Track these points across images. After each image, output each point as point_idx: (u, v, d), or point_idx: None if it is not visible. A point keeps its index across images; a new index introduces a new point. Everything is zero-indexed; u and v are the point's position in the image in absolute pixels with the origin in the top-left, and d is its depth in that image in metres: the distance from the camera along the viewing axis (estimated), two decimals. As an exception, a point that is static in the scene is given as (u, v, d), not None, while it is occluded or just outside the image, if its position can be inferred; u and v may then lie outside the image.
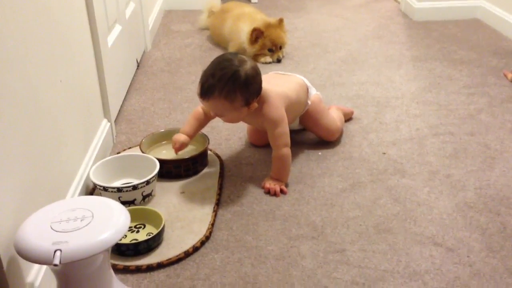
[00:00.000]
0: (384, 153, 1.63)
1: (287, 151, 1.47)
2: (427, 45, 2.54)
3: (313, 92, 1.67)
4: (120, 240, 1.00)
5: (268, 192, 1.45)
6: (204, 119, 1.54)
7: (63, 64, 1.30)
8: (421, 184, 1.48)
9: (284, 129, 1.47)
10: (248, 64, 1.38)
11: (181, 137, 1.52)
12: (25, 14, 1.08)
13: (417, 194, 1.43)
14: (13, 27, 1.02)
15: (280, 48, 2.37)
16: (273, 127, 1.46)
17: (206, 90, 1.36)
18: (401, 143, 1.69)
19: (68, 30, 1.36)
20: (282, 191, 1.45)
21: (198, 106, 1.55)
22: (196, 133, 1.55)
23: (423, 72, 2.24)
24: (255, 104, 1.42)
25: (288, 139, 1.47)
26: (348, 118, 1.83)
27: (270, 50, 2.35)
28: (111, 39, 1.80)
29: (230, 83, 1.35)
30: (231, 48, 2.45)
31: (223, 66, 1.37)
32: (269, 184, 1.46)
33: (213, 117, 1.54)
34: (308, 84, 1.66)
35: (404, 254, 1.22)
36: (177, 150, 1.52)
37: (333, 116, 1.71)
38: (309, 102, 1.64)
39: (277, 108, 1.46)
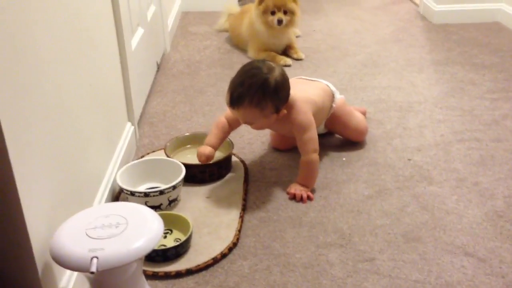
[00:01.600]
0: (410, 160, 1.62)
1: (315, 156, 1.46)
2: (448, 49, 2.52)
3: (338, 96, 1.66)
4: (153, 247, 0.99)
5: (293, 197, 1.44)
6: (228, 129, 1.54)
7: (91, 68, 1.30)
8: (449, 192, 1.46)
9: (313, 134, 1.46)
10: (277, 71, 1.38)
11: (206, 149, 1.49)
12: (57, 21, 1.08)
13: (445, 202, 1.42)
14: (46, 33, 1.02)
15: (285, 13, 2.34)
16: (301, 132, 1.45)
17: (236, 99, 1.36)
18: (426, 149, 1.67)
19: (96, 35, 1.36)
20: (308, 197, 1.44)
21: (221, 116, 1.54)
22: (220, 144, 1.53)
23: (445, 76, 2.22)
24: (284, 111, 1.41)
25: (316, 145, 1.47)
26: None
27: (273, 13, 2.34)
28: (134, 42, 1.80)
29: (260, 91, 1.34)
30: (250, 48, 2.45)
31: (252, 74, 1.36)
32: (295, 190, 1.45)
33: (236, 127, 1.54)
34: (333, 89, 1.66)
35: (435, 264, 1.20)
36: (203, 163, 1.49)
37: (360, 116, 1.71)
38: (334, 105, 1.63)
39: (305, 113, 1.45)
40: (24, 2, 0.91)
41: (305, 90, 1.55)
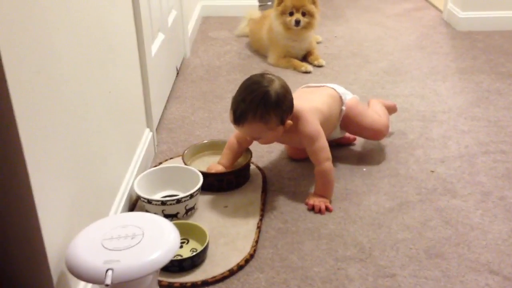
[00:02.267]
0: (432, 171, 1.57)
1: (329, 165, 1.44)
2: (473, 57, 2.46)
3: (348, 97, 1.62)
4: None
5: (312, 209, 1.42)
6: (239, 149, 1.53)
7: (111, 75, 1.29)
8: (473, 206, 1.41)
9: (323, 143, 1.43)
10: (277, 83, 1.37)
11: (217, 166, 1.51)
12: (78, 27, 1.08)
13: (469, 217, 1.37)
14: (66, 39, 1.01)
15: (304, 15, 2.33)
16: (311, 143, 1.43)
17: (239, 116, 1.35)
18: (450, 161, 1.63)
19: (116, 41, 1.35)
20: (327, 209, 1.41)
21: (232, 136, 1.54)
22: (232, 164, 1.53)
23: (470, 85, 2.16)
24: (290, 122, 1.39)
25: (328, 153, 1.44)
26: (392, 112, 1.78)
27: (291, 14, 2.33)
28: (154, 48, 1.80)
29: (262, 105, 1.33)
30: (271, 54, 2.43)
31: (252, 89, 1.35)
32: (314, 201, 1.42)
33: (247, 145, 1.53)
34: (341, 91, 1.62)
35: (459, 282, 1.16)
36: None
37: (375, 114, 1.66)
38: (344, 108, 1.59)
39: (312, 123, 1.43)
40: (45, 10, 0.91)
41: (311, 99, 1.53)
